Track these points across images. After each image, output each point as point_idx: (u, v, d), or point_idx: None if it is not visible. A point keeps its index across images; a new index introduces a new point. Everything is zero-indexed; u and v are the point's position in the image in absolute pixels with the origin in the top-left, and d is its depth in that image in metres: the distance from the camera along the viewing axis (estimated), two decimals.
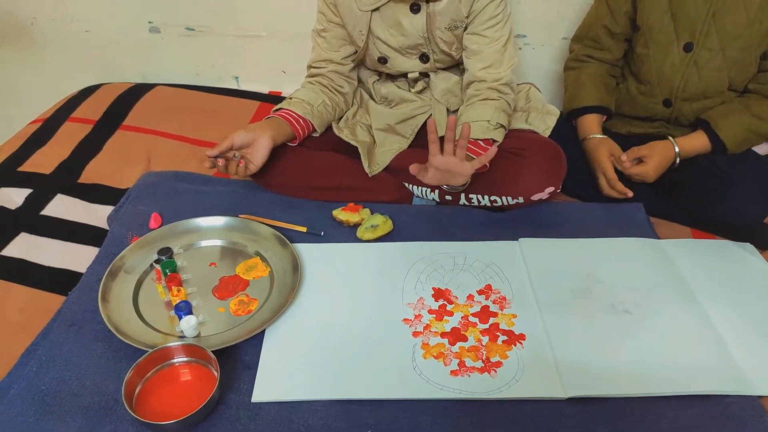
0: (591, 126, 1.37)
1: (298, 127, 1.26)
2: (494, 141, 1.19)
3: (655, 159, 1.26)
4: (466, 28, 1.24)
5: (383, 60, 1.30)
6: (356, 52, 1.31)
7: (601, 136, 1.35)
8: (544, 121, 1.33)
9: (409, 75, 1.33)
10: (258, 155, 1.18)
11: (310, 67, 1.34)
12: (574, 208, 1.31)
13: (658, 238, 1.22)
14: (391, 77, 1.38)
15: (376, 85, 1.39)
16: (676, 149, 1.28)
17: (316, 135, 1.32)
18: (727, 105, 1.30)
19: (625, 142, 1.34)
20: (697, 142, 1.29)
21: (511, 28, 1.24)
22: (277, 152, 1.26)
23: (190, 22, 1.77)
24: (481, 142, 1.18)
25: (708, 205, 1.24)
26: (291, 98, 1.30)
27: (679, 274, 1.12)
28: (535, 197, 1.22)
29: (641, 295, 1.07)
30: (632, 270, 1.13)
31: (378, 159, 1.30)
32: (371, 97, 1.42)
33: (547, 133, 1.31)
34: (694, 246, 1.22)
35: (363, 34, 1.24)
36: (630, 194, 1.28)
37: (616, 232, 1.22)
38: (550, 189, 1.22)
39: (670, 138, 1.30)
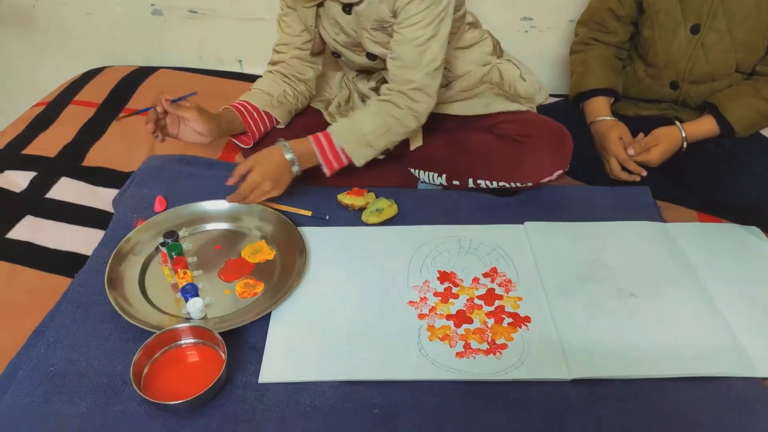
0: (600, 109, 1.36)
1: (251, 121, 1.24)
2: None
3: (660, 148, 1.26)
4: None
5: (337, 54, 1.29)
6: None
7: (611, 119, 1.34)
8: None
9: (371, 79, 1.31)
10: (187, 134, 1.16)
11: (274, 51, 1.31)
12: (580, 191, 1.31)
13: (665, 221, 1.22)
14: (366, 74, 1.36)
15: (356, 80, 1.37)
16: (683, 134, 1.28)
17: (280, 127, 1.30)
18: (735, 88, 1.29)
19: (633, 124, 1.33)
20: (705, 126, 1.28)
21: (442, 30, 1.10)
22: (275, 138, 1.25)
23: (192, 5, 1.76)
24: (340, 153, 1.14)
25: (715, 188, 1.24)
26: (251, 89, 1.28)
27: (685, 258, 1.12)
28: (544, 180, 1.23)
29: (647, 278, 1.07)
30: (638, 254, 1.13)
31: None
32: None
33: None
34: (701, 229, 1.21)
35: (312, 27, 1.23)
36: (644, 173, 1.27)
37: (622, 216, 1.21)
38: (559, 172, 1.22)
39: (678, 123, 1.29)
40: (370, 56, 1.24)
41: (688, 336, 0.97)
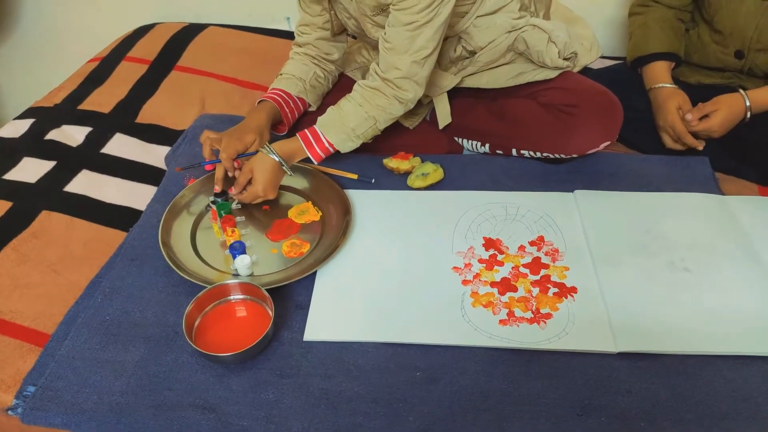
0: (659, 75, 1.30)
1: (287, 110, 1.23)
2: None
3: (720, 114, 1.19)
4: None
5: (353, 36, 1.26)
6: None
7: (672, 86, 1.28)
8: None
9: None
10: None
11: (297, 32, 1.28)
12: (634, 160, 1.26)
13: (723, 194, 1.17)
14: None
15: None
16: (747, 103, 1.21)
17: (312, 110, 1.29)
18: None
19: (694, 93, 1.27)
20: None
21: (438, 18, 1.02)
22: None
23: None
24: (324, 140, 1.11)
25: None
26: (281, 74, 1.26)
27: (743, 233, 1.08)
28: (590, 152, 1.19)
29: (702, 253, 1.04)
30: (694, 227, 1.09)
31: (415, 110, 1.25)
32: None
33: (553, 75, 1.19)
34: (761, 203, 1.16)
35: (328, 8, 1.19)
36: (700, 147, 1.22)
37: (678, 187, 1.17)
38: (606, 143, 1.18)
39: (741, 91, 1.22)
40: None
41: (743, 313, 0.94)
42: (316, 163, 1.15)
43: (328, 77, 1.30)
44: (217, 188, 1.11)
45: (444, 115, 1.25)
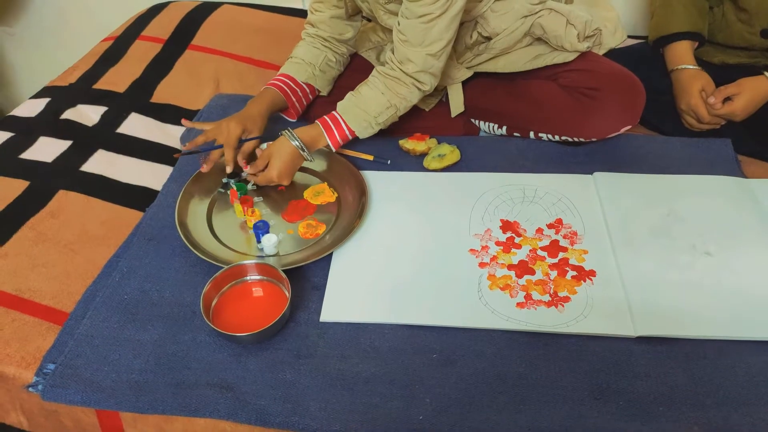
0: (682, 55, 1.27)
1: (294, 99, 1.22)
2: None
3: (743, 98, 1.17)
4: None
5: (368, 19, 1.24)
6: None
7: (695, 68, 1.25)
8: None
9: None
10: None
11: (310, 10, 1.25)
12: (655, 142, 1.24)
13: (746, 176, 1.15)
14: None
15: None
16: None
17: (323, 95, 1.28)
18: None
19: (718, 73, 1.24)
20: None
21: (452, 9, 1.01)
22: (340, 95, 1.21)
23: None
24: (344, 127, 1.11)
25: None
26: (291, 57, 1.24)
27: (766, 216, 1.06)
28: (610, 136, 1.17)
29: (724, 236, 1.02)
30: (716, 210, 1.07)
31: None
32: None
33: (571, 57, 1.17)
34: None
35: None
36: (718, 126, 1.21)
37: (699, 169, 1.15)
38: (627, 127, 1.16)
39: (766, 73, 1.19)
40: None
41: (765, 298, 0.92)
42: (333, 150, 1.14)
43: (340, 60, 1.28)
44: (229, 169, 1.09)
45: (457, 104, 1.24)
